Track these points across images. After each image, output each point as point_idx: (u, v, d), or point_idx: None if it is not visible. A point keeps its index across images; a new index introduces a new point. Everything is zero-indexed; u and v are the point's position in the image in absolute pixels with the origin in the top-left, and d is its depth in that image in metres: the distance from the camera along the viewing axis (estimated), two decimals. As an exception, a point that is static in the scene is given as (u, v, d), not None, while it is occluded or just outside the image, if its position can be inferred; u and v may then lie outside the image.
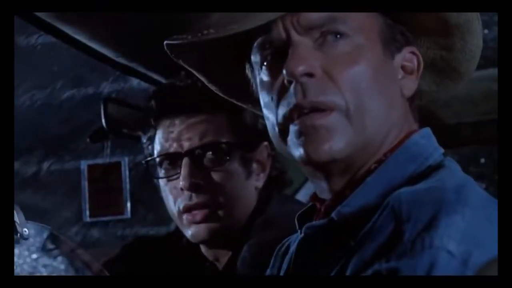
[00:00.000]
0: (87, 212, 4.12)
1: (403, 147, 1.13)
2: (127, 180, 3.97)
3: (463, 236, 0.95)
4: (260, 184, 1.68)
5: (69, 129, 4.17)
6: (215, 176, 1.63)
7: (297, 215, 1.23)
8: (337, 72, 1.08)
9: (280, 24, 1.10)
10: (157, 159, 1.69)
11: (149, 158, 1.71)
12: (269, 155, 1.68)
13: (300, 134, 1.09)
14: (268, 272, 1.32)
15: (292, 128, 1.10)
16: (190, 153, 1.63)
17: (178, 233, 1.78)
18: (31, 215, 1.71)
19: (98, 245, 4.04)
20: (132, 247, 2.22)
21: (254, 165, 1.67)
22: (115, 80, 4.11)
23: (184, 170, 1.62)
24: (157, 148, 1.69)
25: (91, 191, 4.11)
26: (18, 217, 1.66)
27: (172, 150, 1.65)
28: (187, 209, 1.64)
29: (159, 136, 1.69)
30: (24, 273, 1.55)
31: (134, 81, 3.76)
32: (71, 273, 1.38)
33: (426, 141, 1.16)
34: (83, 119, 3.97)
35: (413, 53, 1.17)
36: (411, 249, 0.95)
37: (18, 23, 1.61)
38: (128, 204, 4.04)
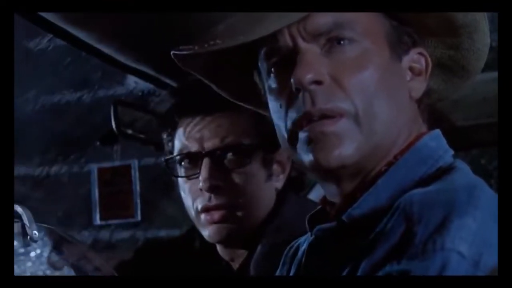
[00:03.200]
0: (98, 215, 4.12)
1: (414, 149, 1.13)
2: (137, 182, 3.97)
3: (474, 238, 0.96)
4: (280, 185, 1.67)
5: (79, 132, 4.18)
6: (236, 177, 1.62)
7: (307, 217, 1.23)
8: (345, 77, 1.08)
9: (286, 31, 1.10)
10: (177, 157, 1.67)
11: (169, 157, 1.70)
12: (289, 156, 1.66)
13: (310, 140, 1.09)
14: (277, 274, 1.32)
15: (302, 135, 1.10)
16: (211, 153, 1.62)
17: (190, 235, 1.78)
18: (41, 217, 1.72)
19: (108, 248, 4.05)
20: (144, 250, 2.22)
21: (275, 166, 1.66)
22: (125, 83, 4.12)
23: (204, 171, 1.60)
24: (177, 145, 1.68)
25: (101, 194, 4.11)
26: (27, 219, 1.66)
27: (193, 149, 1.64)
28: (206, 209, 1.63)
29: (179, 134, 1.67)
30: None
31: (143, 84, 3.76)
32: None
33: (437, 143, 1.16)
34: (93, 122, 3.98)
35: (421, 54, 1.17)
36: (423, 251, 0.95)
37: (27, 26, 1.62)
38: (138, 207, 4.04)
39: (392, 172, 1.11)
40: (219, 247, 1.72)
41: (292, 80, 1.08)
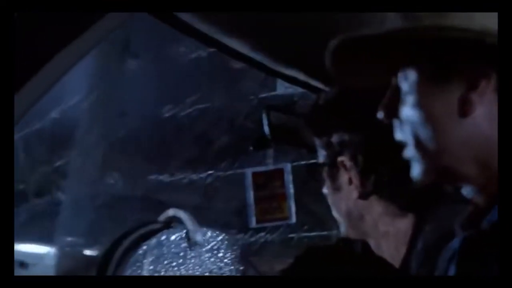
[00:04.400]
0: (253, 218, 4.21)
1: None
2: (290, 185, 4.03)
3: None
4: (354, 195, 1.71)
5: (232, 137, 4.28)
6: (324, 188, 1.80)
7: (457, 220, 1.23)
8: (400, 113, 1.23)
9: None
10: None
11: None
12: (352, 168, 1.70)
13: None
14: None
15: None
16: None
17: (349, 238, 1.80)
18: (197, 221, 1.79)
19: (264, 250, 4.12)
20: (305, 256, 2.25)
21: (343, 180, 1.73)
22: (276, 87, 4.18)
23: None
24: None
25: (256, 198, 4.20)
26: (191, 224, 1.73)
27: None
28: None
29: None
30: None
31: (294, 88, 3.81)
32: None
33: None
34: (247, 128, 4.06)
35: (480, 69, 1.11)
36: None
37: (178, 37, 1.67)
38: (293, 209, 4.10)
39: None
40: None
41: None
